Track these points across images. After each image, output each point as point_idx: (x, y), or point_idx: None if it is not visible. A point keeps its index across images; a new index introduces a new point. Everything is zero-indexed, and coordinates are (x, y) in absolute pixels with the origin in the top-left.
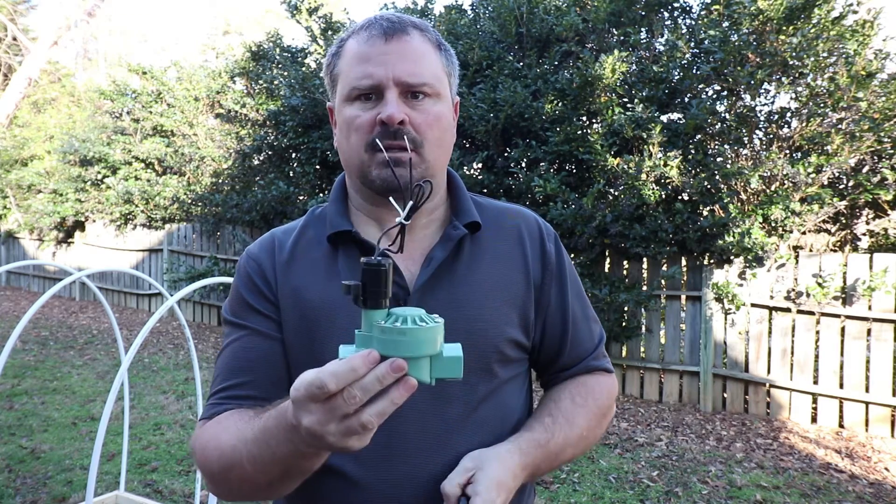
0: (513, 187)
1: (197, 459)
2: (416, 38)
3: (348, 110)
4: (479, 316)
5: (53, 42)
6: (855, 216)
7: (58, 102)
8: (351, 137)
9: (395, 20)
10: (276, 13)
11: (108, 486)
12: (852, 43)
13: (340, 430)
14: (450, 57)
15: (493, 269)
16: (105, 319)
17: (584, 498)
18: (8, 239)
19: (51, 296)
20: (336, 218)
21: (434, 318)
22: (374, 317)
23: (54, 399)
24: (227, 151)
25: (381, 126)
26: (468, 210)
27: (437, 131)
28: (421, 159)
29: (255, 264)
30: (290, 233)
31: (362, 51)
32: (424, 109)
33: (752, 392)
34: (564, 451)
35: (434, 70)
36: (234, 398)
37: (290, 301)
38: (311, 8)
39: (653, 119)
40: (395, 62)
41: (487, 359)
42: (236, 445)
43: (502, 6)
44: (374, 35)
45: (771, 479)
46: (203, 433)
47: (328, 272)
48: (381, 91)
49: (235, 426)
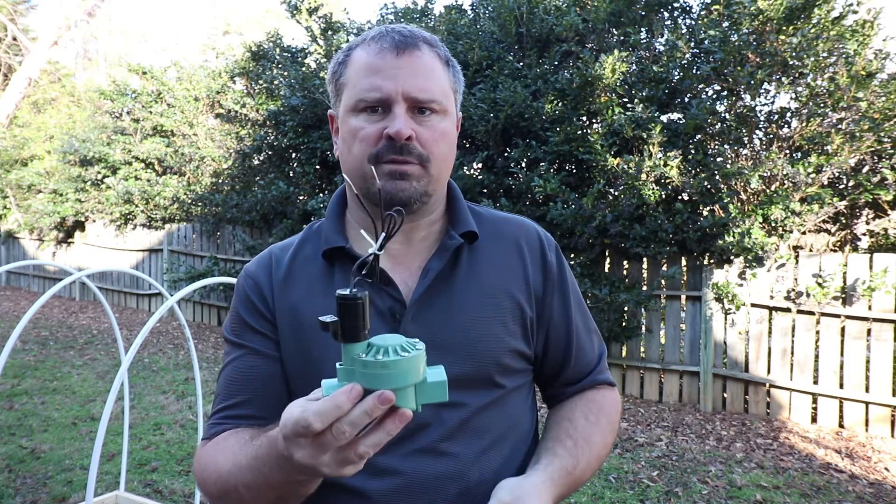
0: (513, 187)
1: (197, 480)
2: (426, 53)
3: (354, 121)
4: (477, 325)
5: (53, 42)
6: (855, 216)
7: (58, 102)
8: (354, 148)
9: (407, 34)
10: (276, 13)
11: (108, 486)
12: (852, 43)
13: (335, 460)
14: (457, 74)
15: (490, 278)
16: (105, 319)
17: (584, 498)
18: (8, 239)
19: (51, 296)
20: (331, 234)
21: (415, 344)
22: (354, 350)
23: (54, 399)
24: (227, 151)
25: (387, 140)
26: (465, 220)
27: (442, 147)
28: (426, 174)
29: (253, 282)
30: (288, 249)
31: (372, 62)
32: (431, 126)
33: (752, 392)
34: (585, 475)
35: (442, 86)
36: (233, 418)
37: (287, 318)
38: (311, 8)
39: (653, 119)
40: (405, 77)
41: (487, 368)
42: (231, 470)
43: (502, 6)
44: (385, 48)
45: (771, 479)
46: (203, 455)
47: (325, 289)
48: (389, 105)
49: (231, 450)
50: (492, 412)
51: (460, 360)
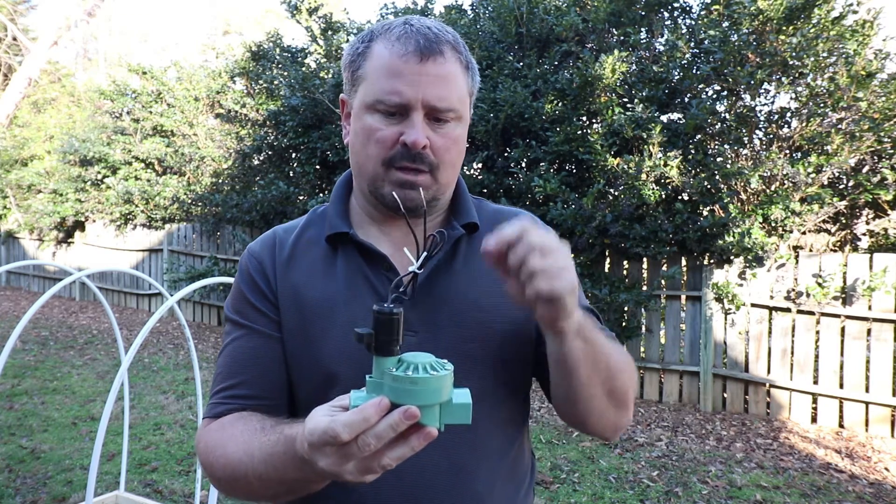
0: (513, 187)
1: (201, 461)
2: (449, 59)
3: (369, 119)
4: (476, 306)
5: (53, 42)
6: (855, 216)
7: (58, 102)
8: (368, 148)
9: (433, 38)
10: (276, 13)
11: (108, 486)
12: (852, 43)
13: (358, 469)
14: (475, 76)
15: (490, 269)
16: (105, 319)
17: (584, 498)
18: (8, 239)
19: (51, 296)
20: (335, 219)
21: (444, 364)
22: (385, 364)
23: (54, 399)
24: (227, 151)
25: (402, 147)
26: (468, 211)
27: (454, 154)
28: (434, 182)
29: (256, 262)
30: (292, 231)
31: (395, 65)
32: (446, 134)
33: (752, 392)
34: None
35: (461, 94)
36: (236, 398)
37: (290, 300)
38: (311, 8)
39: (653, 119)
40: (426, 85)
41: (483, 355)
42: (242, 459)
43: (502, 6)
44: (409, 52)
45: (771, 479)
46: (208, 436)
47: (327, 272)
48: (408, 111)
49: (242, 437)
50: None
51: (457, 345)
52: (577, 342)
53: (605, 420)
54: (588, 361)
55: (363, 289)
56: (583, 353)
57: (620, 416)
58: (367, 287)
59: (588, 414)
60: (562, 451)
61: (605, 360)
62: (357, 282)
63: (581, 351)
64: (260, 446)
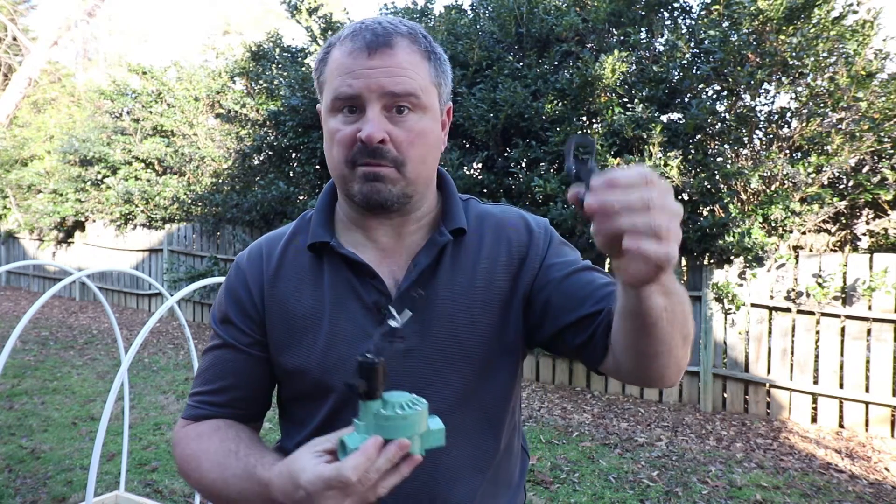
0: (513, 187)
1: (178, 465)
2: (401, 50)
3: (332, 122)
4: (462, 311)
5: (53, 42)
6: (855, 216)
7: (58, 102)
8: (333, 150)
9: (381, 32)
10: (276, 13)
11: (108, 486)
12: (852, 43)
13: (357, 502)
14: (440, 65)
15: (476, 273)
16: (105, 319)
17: (584, 498)
18: (8, 239)
19: (51, 296)
20: (317, 228)
21: (420, 400)
22: (372, 407)
23: (54, 399)
24: (227, 151)
25: (360, 143)
26: (457, 215)
27: (420, 148)
28: (401, 178)
29: (243, 276)
30: (279, 240)
31: (345, 63)
32: (408, 126)
33: (752, 392)
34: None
35: (420, 82)
36: (213, 404)
37: (277, 314)
38: (311, 8)
39: (653, 119)
40: (378, 76)
41: (467, 357)
42: (216, 482)
43: (502, 6)
44: (357, 48)
45: (771, 479)
46: (185, 444)
47: (314, 282)
48: (363, 106)
49: (216, 457)
50: (467, 404)
51: (442, 351)
52: (661, 297)
53: (680, 367)
54: (670, 313)
55: (349, 300)
56: (666, 305)
57: (687, 356)
58: (354, 297)
59: (667, 367)
60: (562, 451)
61: (681, 307)
62: (343, 292)
63: (664, 304)
64: (233, 475)
